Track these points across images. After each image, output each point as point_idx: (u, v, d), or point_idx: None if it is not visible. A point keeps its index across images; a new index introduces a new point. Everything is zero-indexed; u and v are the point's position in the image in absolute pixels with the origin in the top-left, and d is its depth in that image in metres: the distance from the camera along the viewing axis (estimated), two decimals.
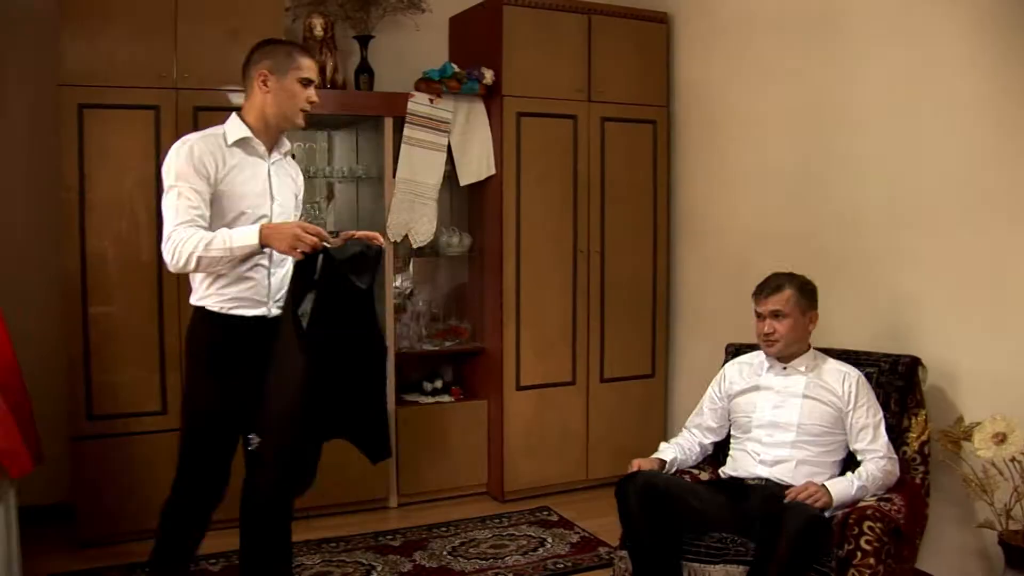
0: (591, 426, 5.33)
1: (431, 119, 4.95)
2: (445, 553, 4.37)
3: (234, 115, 3.29)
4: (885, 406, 3.56)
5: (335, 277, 3.08)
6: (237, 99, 4.44)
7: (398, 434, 4.91)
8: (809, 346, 3.64)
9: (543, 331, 5.15)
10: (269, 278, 3.26)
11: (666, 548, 3.26)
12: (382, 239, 3.21)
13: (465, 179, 5.07)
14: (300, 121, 3.30)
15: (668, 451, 3.74)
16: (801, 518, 3.05)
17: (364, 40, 5.06)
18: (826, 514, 3.21)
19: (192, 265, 3.03)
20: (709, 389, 3.86)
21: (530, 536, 4.60)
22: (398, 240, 4.93)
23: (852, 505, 3.24)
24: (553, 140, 5.12)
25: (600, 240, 5.26)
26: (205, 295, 3.20)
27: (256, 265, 3.21)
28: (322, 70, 4.81)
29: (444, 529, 4.68)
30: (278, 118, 3.26)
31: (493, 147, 5.04)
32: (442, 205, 5.14)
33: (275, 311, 3.25)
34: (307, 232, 3.02)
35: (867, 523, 3.06)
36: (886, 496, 3.27)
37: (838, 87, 4.31)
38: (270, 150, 3.31)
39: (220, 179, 3.14)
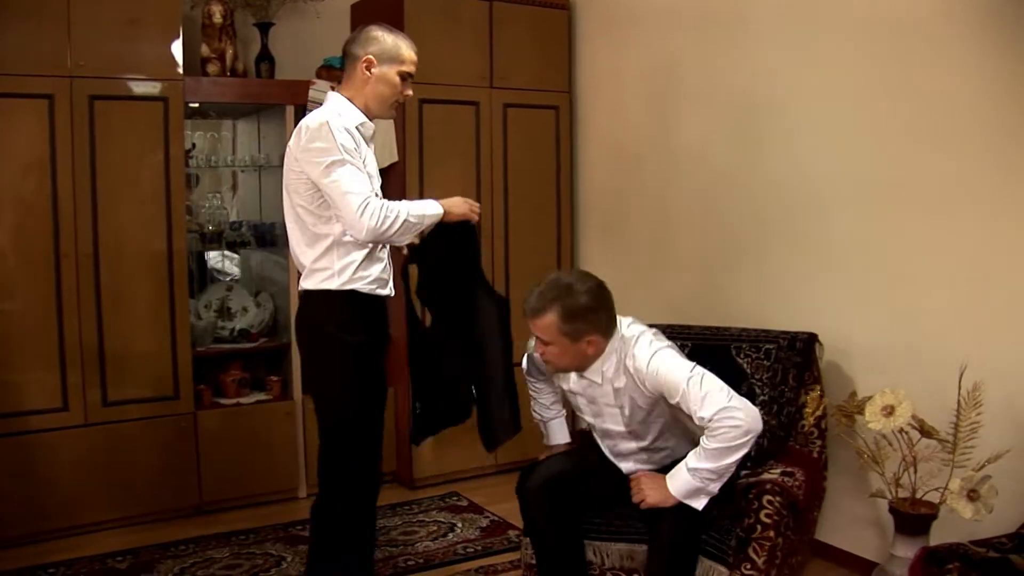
0: None
1: None
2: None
3: (338, 96, 3.29)
4: (783, 382, 3.68)
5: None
6: (138, 87, 4.46)
7: (305, 425, 4.95)
8: (602, 349, 3.24)
9: None
10: (388, 258, 3.37)
11: (568, 539, 3.31)
12: None
13: None
14: (393, 113, 3.38)
15: (561, 430, 3.71)
16: (670, 524, 3.08)
17: (264, 27, 5.06)
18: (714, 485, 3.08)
19: (395, 229, 3.10)
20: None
21: (440, 522, 4.68)
22: None
23: (719, 472, 3.05)
24: (456, 127, 5.18)
25: (504, 226, 5.35)
26: (352, 278, 3.21)
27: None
28: (221, 57, 4.80)
29: None
30: (375, 105, 3.29)
31: (396, 134, 5.08)
32: None
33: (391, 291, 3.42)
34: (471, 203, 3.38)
35: (767, 497, 3.18)
36: (788, 470, 3.36)
37: (740, 72, 4.44)
38: None
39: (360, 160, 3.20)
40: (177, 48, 4.52)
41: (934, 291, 3.64)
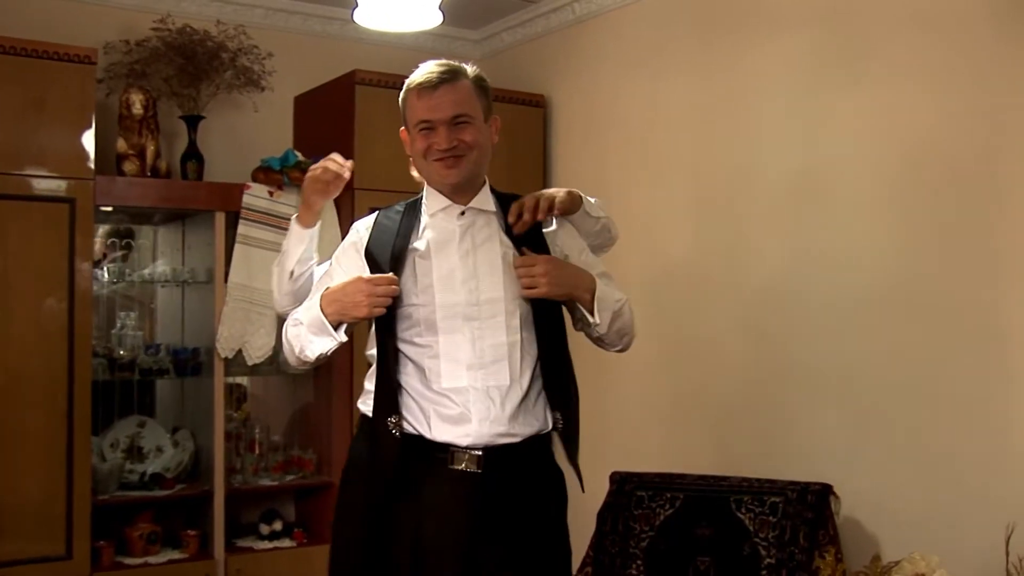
0: None
1: (270, 215, 4.83)
2: None
3: None
4: (792, 542, 3.60)
5: None
6: (40, 185, 4.33)
7: None
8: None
9: None
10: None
11: None
12: None
13: None
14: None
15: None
16: None
17: (193, 121, 4.96)
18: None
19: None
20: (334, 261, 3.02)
21: None
22: (231, 356, 4.78)
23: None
24: None
25: None
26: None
27: None
28: (141, 154, 4.70)
29: None
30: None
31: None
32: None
33: None
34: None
35: None
36: None
37: (730, 171, 4.43)
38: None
39: None
40: (89, 141, 4.39)
41: (973, 434, 3.52)
